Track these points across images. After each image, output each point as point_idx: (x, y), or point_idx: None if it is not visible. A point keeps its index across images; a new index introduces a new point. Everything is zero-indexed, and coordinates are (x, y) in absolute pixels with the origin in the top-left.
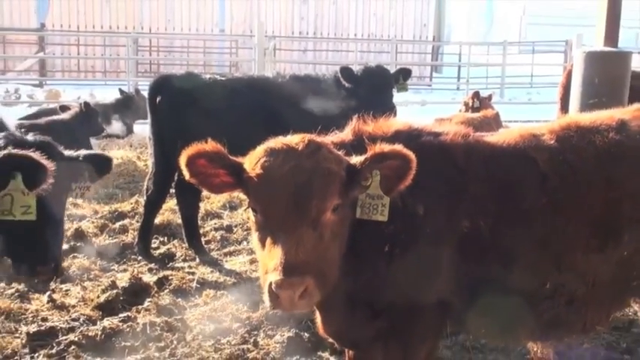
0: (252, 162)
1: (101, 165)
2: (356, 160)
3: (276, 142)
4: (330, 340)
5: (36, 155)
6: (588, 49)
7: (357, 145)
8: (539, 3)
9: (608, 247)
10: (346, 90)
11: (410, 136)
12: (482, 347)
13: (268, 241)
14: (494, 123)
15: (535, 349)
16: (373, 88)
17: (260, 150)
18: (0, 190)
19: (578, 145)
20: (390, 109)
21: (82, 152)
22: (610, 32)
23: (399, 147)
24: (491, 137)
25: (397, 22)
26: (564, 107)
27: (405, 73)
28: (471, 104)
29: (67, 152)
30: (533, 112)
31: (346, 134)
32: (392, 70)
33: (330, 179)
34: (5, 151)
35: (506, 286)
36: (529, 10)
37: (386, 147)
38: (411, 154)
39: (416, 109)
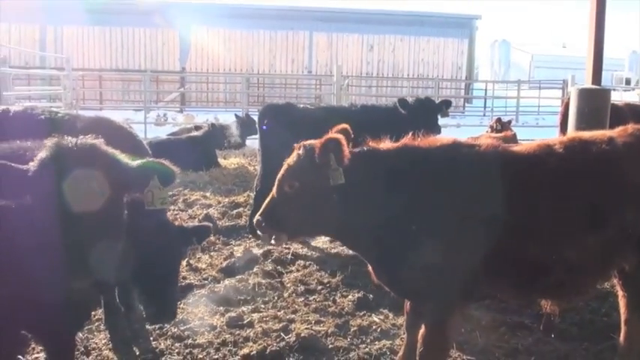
0: None
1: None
2: None
3: None
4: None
5: (167, 162)
6: (580, 86)
7: (403, 151)
8: (543, 51)
9: (599, 228)
10: (402, 115)
11: (453, 146)
12: (502, 309)
13: None
14: (512, 141)
15: (545, 306)
16: (423, 114)
17: None
18: (144, 188)
19: (579, 151)
20: (435, 129)
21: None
22: (595, 74)
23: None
24: (516, 147)
25: (439, 65)
26: (563, 130)
27: (446, 104)
28: (494, 127)
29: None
30: (541, 133)
31: (398, 144)
32: (436, 101)
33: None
34: (145, 159)
35: (525, 258)
36: (536, 56)
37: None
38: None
39: (453, 130)
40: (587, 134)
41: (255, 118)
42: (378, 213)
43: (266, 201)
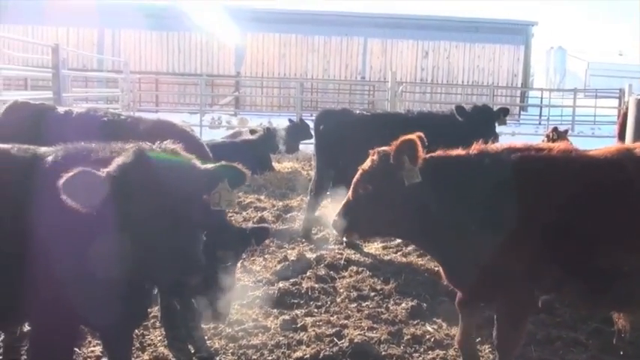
0: None
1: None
2: None
3: None
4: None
5: (238, 165)
6: (638, 96)
7: (478, 156)
8: (599, 59)
9: None
10: (460, 123)
11: (522, 149)
12: (557, 324)
13: None
14: None
15: (617, 320)
16: (480, 122)
17: None
18: (212, 189)
19: None
20: (493, 137)
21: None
22: None
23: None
24: (592, 151)
25: (494, 72)
26: (621, 140)
27: (504, 111)
28: (551, 137)
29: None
30: (597, 143)
31: (471, 150)
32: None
33: None
34: (218, 163)
35: (596, 267)
36: (592, 64)
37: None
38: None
39: (507, 139)
40: None
41: (309, 123)
42: (449, 216)
43: (342, 202)
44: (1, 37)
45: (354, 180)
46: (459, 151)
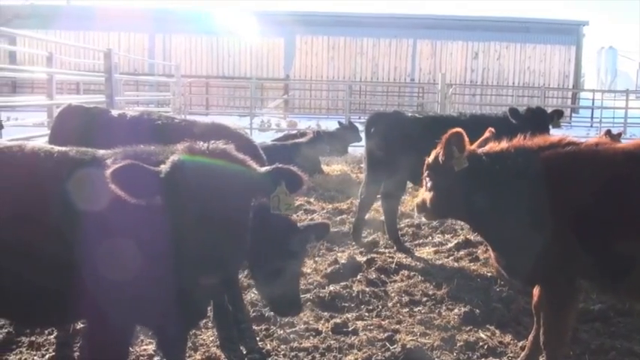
0: None
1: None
2: None
3: None
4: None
5: (296, 169)
6: None
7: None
8: None
9: None
10: (513, 125)
11: (566, 143)
12: (611, 333)
13: None
14: None
15: None
16: (534, 124)
17: None
18: (270, 193)
19: None
20: None
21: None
22: None
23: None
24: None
25: (545, 73)
26: None
27: (558, 114)
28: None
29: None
30: None
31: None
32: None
33: None
34: (275, 165)
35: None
36: None
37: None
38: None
39: None
40: None
41: (358, 126)
42: (496, 204)
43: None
44: (55, 43)
45: (423, 170)
46: (502, 145)
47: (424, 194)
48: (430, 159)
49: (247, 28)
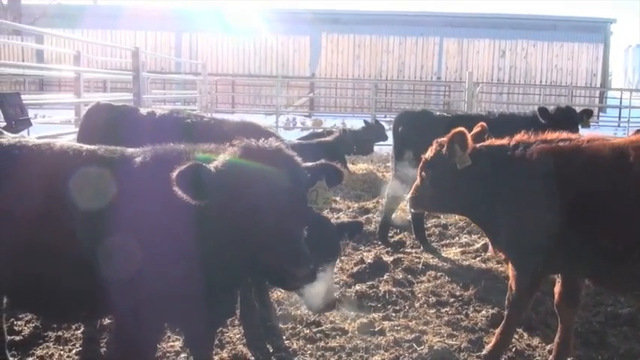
0: None
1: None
2: None
3: None
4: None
5: (337, 165)
6: None
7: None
8: None
9: None
10: (542, 125)
11: (568, 140)
12: (639, 337)
13: None
14: None
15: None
16: (563, 124)
17: None
18: (310, 187)
19: None
20: None
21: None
22: None
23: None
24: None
25: (573, 72)
26: None
27: (587, 113)
28: None
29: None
30: None
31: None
32: None
33: None
34: (320, 161)
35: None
36: None
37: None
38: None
39: None
40: None
41: (384, 124)
42: (491, 196)
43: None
44: (83, 42)
45: (420, 166)
46: (502, 141)
47: (419, 189)
48: (428, 155)
49: (272, 26)
